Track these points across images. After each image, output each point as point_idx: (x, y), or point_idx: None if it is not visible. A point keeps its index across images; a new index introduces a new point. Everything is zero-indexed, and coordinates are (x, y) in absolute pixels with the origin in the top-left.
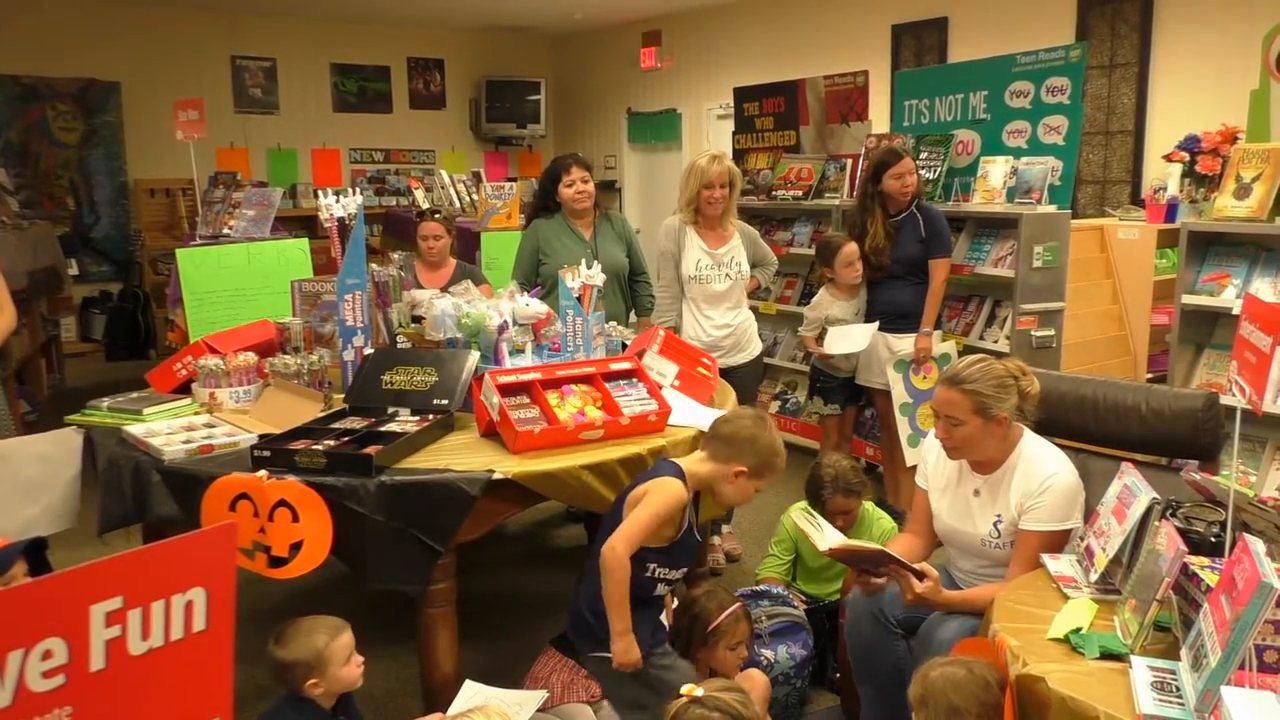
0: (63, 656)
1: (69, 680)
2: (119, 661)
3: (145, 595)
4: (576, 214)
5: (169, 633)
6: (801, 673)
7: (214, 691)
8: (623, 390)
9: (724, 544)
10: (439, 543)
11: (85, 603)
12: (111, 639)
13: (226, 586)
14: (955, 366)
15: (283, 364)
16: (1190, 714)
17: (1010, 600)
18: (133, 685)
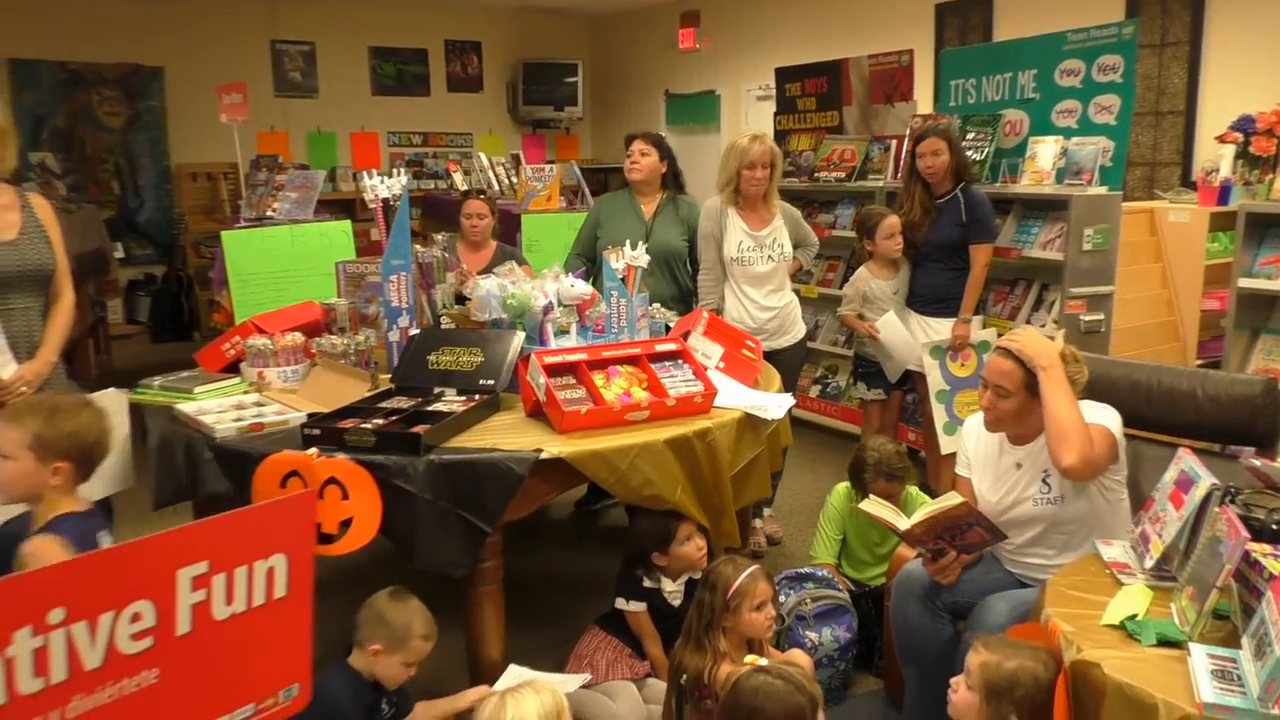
0: (150, 619)
1: (156, 643)
2: (204, 626)
3: (230, 561)
4: (639, 190)
5: (251, 598)
6: (845, 655)
7: (293, 658)
8: (668, 371)
9: (765, 527)
10: (486, 522)
11: (172, 566)
12: (197, 603)
13: (306, 554)
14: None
15: (329, 344)
16: (1254, 703)
17: (1063, 586)
18: (216, 650)
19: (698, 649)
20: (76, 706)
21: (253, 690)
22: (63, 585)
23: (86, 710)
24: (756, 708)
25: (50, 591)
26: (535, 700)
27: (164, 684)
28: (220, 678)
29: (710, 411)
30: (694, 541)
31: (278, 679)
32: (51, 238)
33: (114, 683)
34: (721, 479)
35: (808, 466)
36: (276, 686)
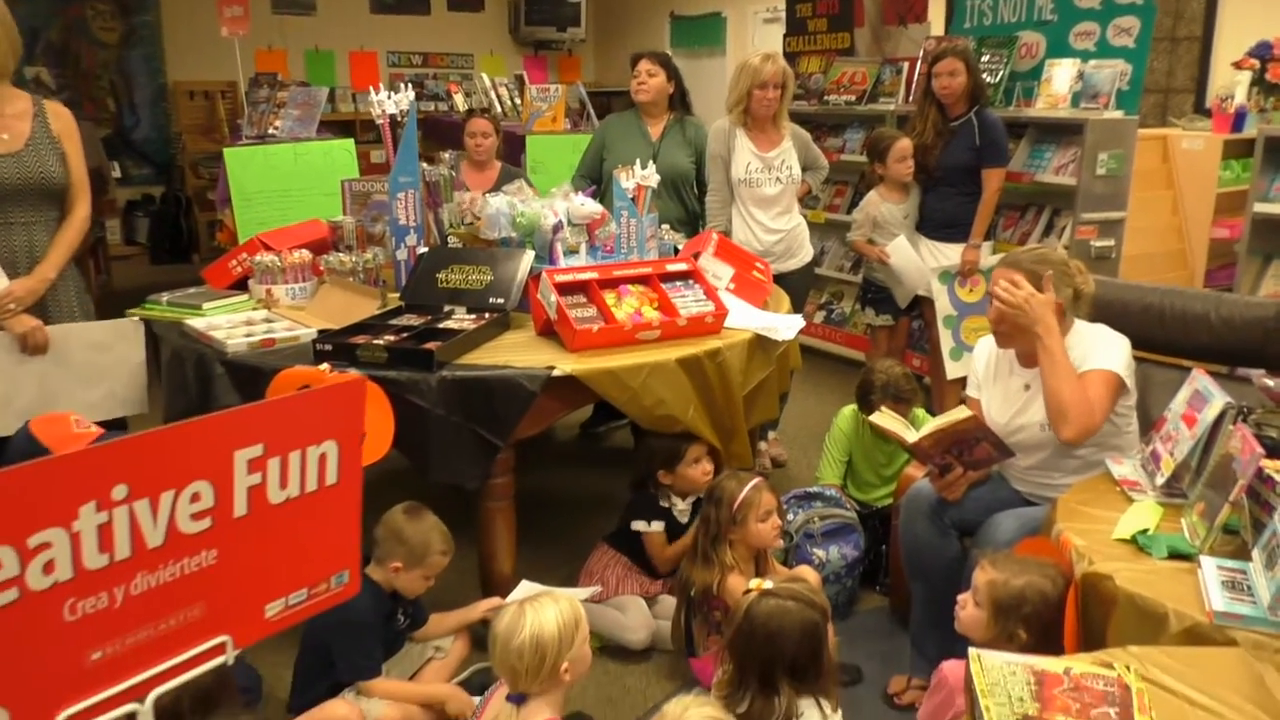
0: (209, 500)
1: (215, 524)
2: (259, 509)
3: (283, 445)
4: (646, 111)
5: (304, 484)
6: (852, 572)
7: (343, 545)
8: (679, 291)
9: (770, 449)
10: (499, 437)
11: (229, 448)
12: (253, 486)
13: (355, 441)
14: (1015, 251)
15: (338, 261)
16: (1264, 612)
17: (1074, 502)
18: (271, 534)
19: (705, 563)
20: (140, 584)
21: (306, 575)
22: (125, 462)
23: (150, 588)
24: (773, 631)
25: (113, 467)
26: (554, 609)
27: (222, 565)
28: (275, 561)
29: (721, 332)
30: (701, 465)
31: (329, 565)
32: (67, 149)
33: (175, 562)
34: (733, 399)
35: (812, 391)
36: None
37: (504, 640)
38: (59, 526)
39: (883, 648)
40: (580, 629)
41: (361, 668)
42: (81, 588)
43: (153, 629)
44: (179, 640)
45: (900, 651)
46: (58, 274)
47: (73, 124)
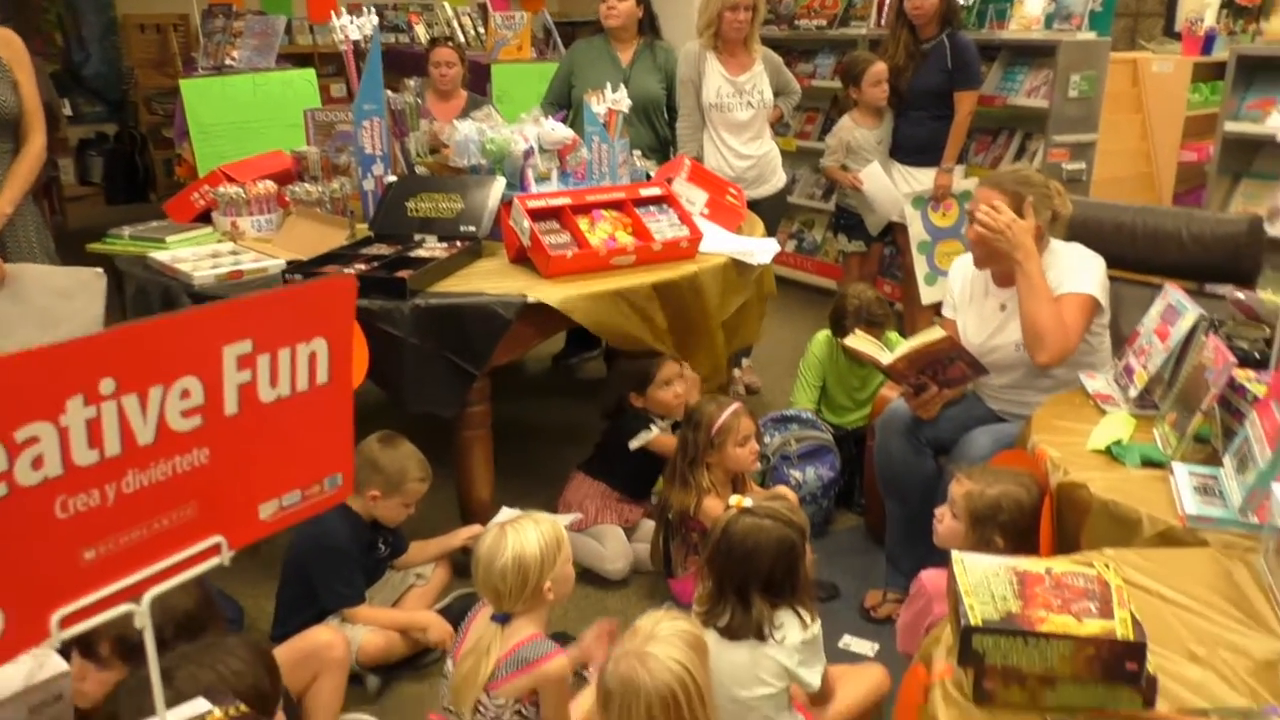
0: (199, 397)
1: (206, 422)
2: (250, 408)
3: (272, 341)
4: (615, 36)
5: (295, 383)
6: (828, 493)
7: (336, 448)
8: (653, 216)
9: (744, 377)
10: (474, 365)
11: (218, 343)
12: (243, 384)
13: (345, 340)
14: (998, 171)
15: (304, 191)
16: (1234, 514)
17: (1048, 416)
18: (263, 434)
19: (683, 486)
20: (132, 482)
21: (299, 477)
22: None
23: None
24: (750, 549)
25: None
26: (536, 530)
27: (215, 464)
28: (268, 462)
29: (696, 257)
30: (673, 388)
31: (323, 467)
32: (19, 78)
33: (166, 460)
34: (710, 323)
35: (785, 320)
36: (322, 474)
37: (487, 562)
38: (46, 420)
39: (858, 564)
40: (562, 549)
41: (343, 595)
42: (72, 484)
43: (146, 529)
44: (173, 540)
45: (876, 568)
46: (14, 209)
47: (23, 51)
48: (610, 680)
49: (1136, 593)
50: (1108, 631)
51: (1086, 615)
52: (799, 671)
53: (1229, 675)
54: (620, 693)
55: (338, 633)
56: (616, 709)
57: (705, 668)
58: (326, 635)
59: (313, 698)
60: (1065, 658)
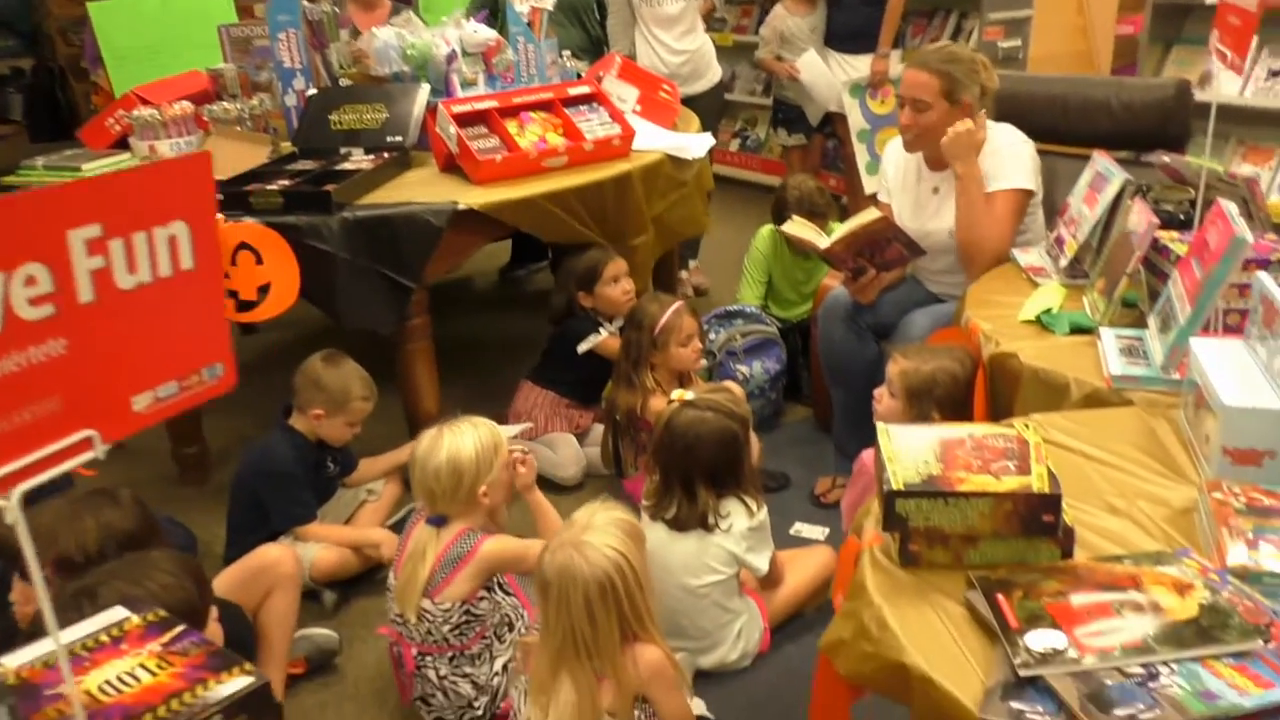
0: (48, 285)
1: (59, 311)
2: (108, 296)
3: (124, 225)
4: None
5: (156, 268)
6: (775, 385)
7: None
8: (584, 116)
9: (692, 278)
10: (409, 278)
11: (61, 227)
12: (96, 270)
13: (208, 222)
14: (923, 51)
15: (222, 110)
16: (1157, 372)
17: (981, 292)
18: (126, 322)
19: (629, 386)
20: None
21: (173, 367)
22: None
23: None
24: (692, 441)
25: None
26: (473, 433)
27: (74, 355)
28: (136, 352)
29: (630, 155)
30: (620, 285)
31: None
32: None
33: (19, 351)
34: (644, 220)
35: (730, 219)
36: (198, 364)
37: (421, 462)
38: None
39: (808, 454)
40: (499, 453)
41: (294, 515)
42: None
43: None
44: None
45: (824, 456)
46: None
47: None
48: (548, 570)
49: (1061, 453)
50: (1024, 486)
51: (1005, 473)
52: (747, 557)
53: (1146, 524)
54: (558, 582)
55: (287, 549)
56: (555, 597)
57: (641, 554)
58: (275, 552)
59: (266, 614)
60: (985, 515)
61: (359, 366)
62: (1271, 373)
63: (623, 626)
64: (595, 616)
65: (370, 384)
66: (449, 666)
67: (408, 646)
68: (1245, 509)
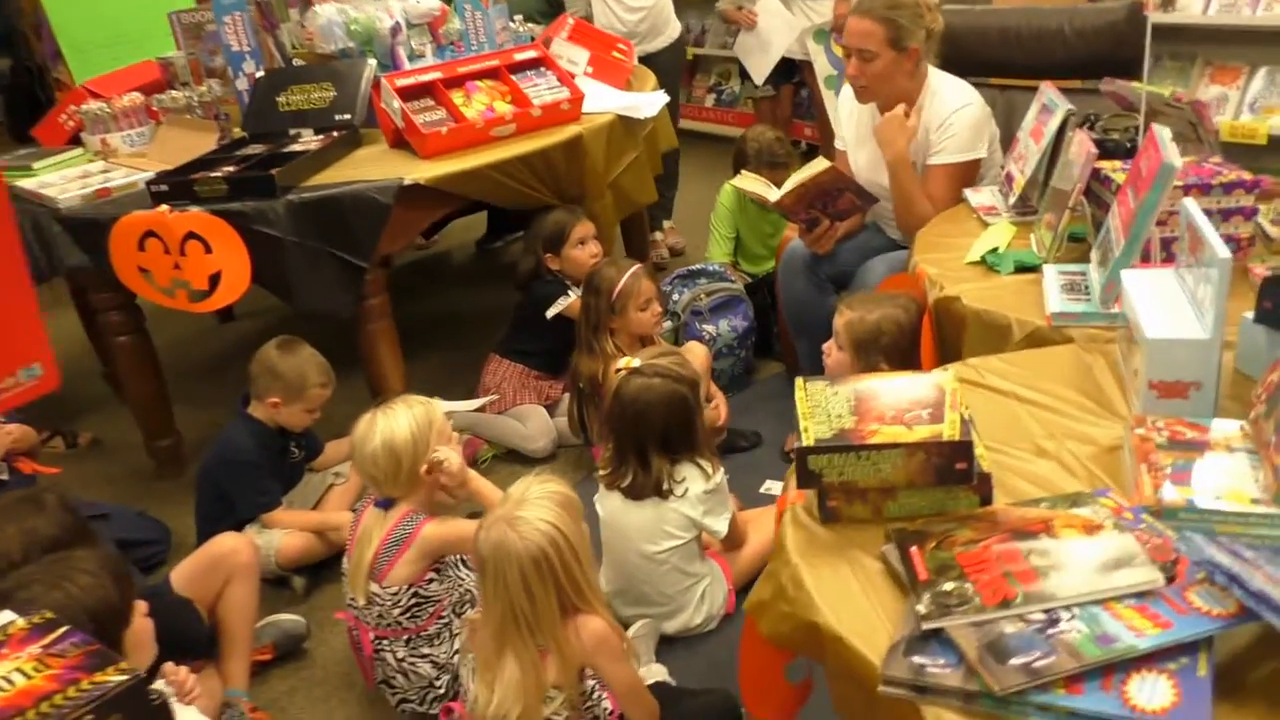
0: None
1: None
2: None
3: None
4: None
5: None
6: (744, 343)
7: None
8: (531, 81)
9: (667, 239)
10: (360, 258)
11: None
12: None
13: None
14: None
15: (170, 99)
16: (1096, 307)
17: (932, 235)
18: None
19: (590, 353)
20: None
21: None
22: None
23: None
24: (641, 408)
25: None
26: (407, 414)
27: None
28: None
29: (580, 118)
30: (588, 247)
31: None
32: None
33: None
34: (598, 184)
35: (706, 177)
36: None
37: (359, 447)
38: None
39: (780, 409)
40: (435, 429)
41: (258, 503)
42: None
43: None
44: None
45: None
46: None
47: None
48: (483, 547)
49: (994, 396)
50: (935, 435)
51: (917, 423)
52: (705, 521)
53: (1071, 464)
54: (493, 558)
55: (242, 538)
56: (491, 574)
57: (578, 525)
58: (231, 541)
59: (225, 604)
60: (898, 466)
61: (316, 352)
62: (1196, 302)
63: (561, 599)
64: (532, 591)
65: (327, 370)
66: (406, 649)
67: (365, 630)
68: (1167, 444)
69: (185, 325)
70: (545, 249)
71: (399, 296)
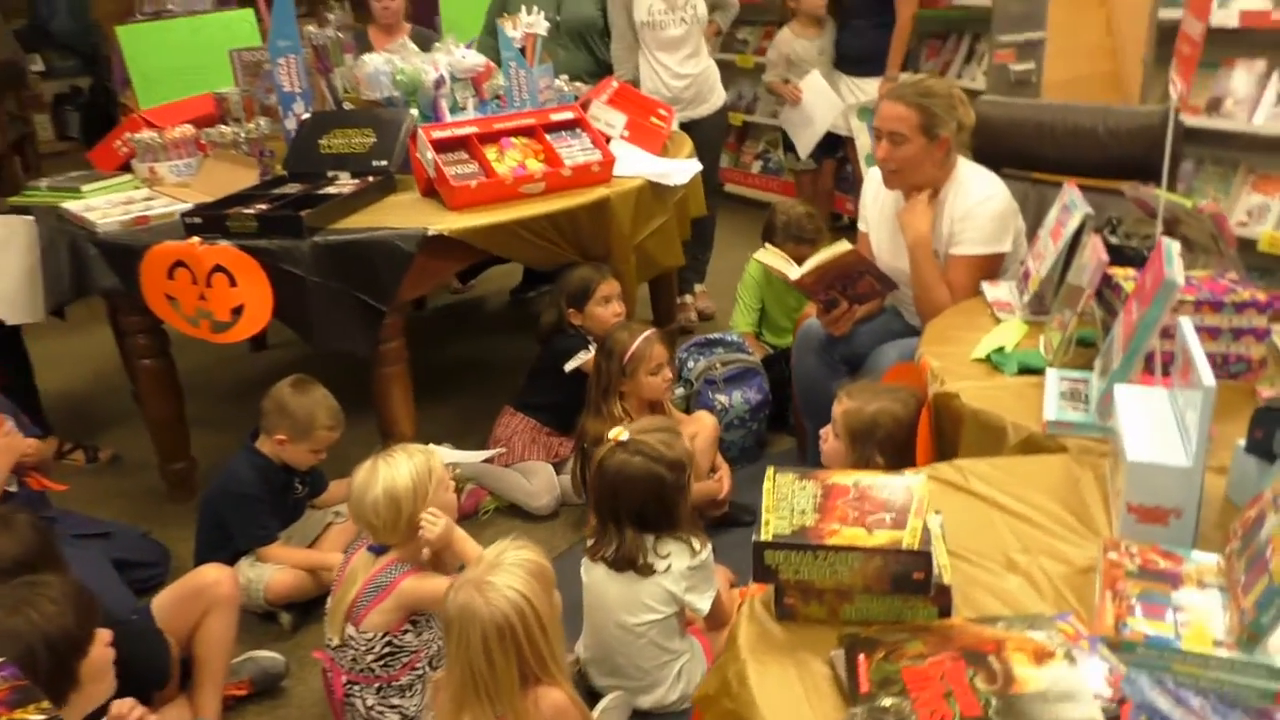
0: None
1: None
2: None
3: None
4: None
5: None
6: (757, 416)
7: None
8: (565, 142)
9: (697, 302)
10: (381, 301)
11: None
12: None
13: None
14: (900, 84)
15: (219, 134)
16: (1093, 418)
17: (942, 326)
18: None
19: (598, 415)
20: None
21: None
22: None
23: None
24: (619, 485)
25: None
26: (408, 462)
27: None
28: None
29: (610, 181)
30: (611, 306)
31: None
32: None
33: None
34: (622, 247)
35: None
36: None
37: (359, 496)
38: None
39: None
40: (435, 477)
41: (254, 536)
42: None
43: None
44: None
45: None
46: None
47: None
48: (450, 607)
49: (975, 502)
50: (894, 542)
51: (879, 526)
52: (687, 597)
53: (1041, 582)
54: (458, 620)
55: (225, 570)
56: (455, 636)
57: (548, 595)
58: (213, 573)
59: (202, 635)
60: (854, 570)
61: (328, 394)
62: (1184, 426)
63: (523, 669)
64: (493, 658)
65: (337, 413)
66: (376, 697)
67: (338, 673)
68: (1137, 572)
69: (218, 350)
70: (569, 304)
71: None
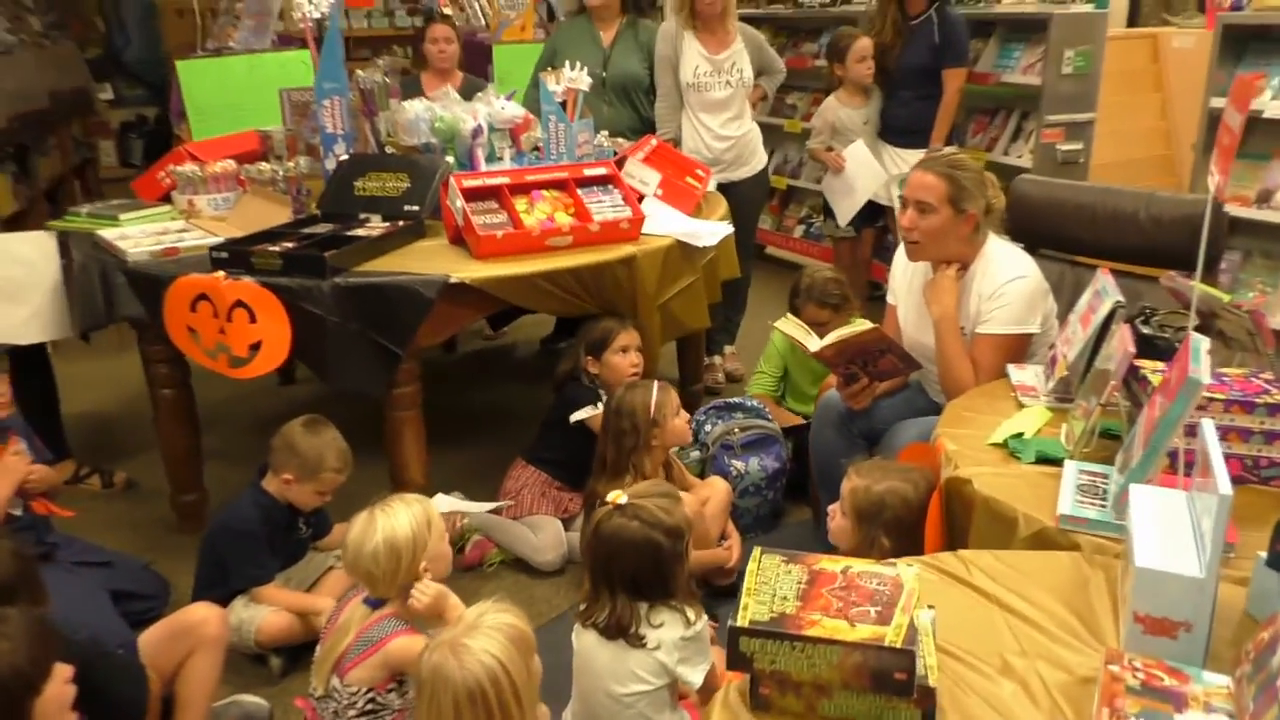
0: None
1: None
2: None
3: None
4: (598, 15)
5: None
6: (773, 484)
7: None
8: (596, 197)
9: (725, 364)
10: (398, 345)
11: None
12: None
13: None
14: (933, 155)
15: (258, 170)
16: (1110, 515)
17: (961, 406)
18: None
19: (614, 478)
20: None
21: None
22: None
23: None
24: (613, 550)
25: None
26: (406, 512)
27: None
28: None
29: (639, 238)
30: (629, 356)
31: None
32: None
33: None
34: (646, 305)
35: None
36: None
37: (356, 547)
38: None
39: None
40: (433, 527)
41: (251, 576)
42: None
43: None
44: None
45: None
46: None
47: None
48: (424, 668)
49: (976, 597)
50: (877, 638)
51: (863, 620)
52: (679, 670)
53: (1036, 690)
54: (430, 681)
55: (213, 609)
56: (426, 697)
57: (525, 661)
58: (202, 612)
59: (185, 674)
60: (832, 664)
61: (339, 436)
62: (1200, 533)
63: None
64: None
65: (346, 456)
66: None
67: None
68: (1140, 689)
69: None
70: (588, 350)
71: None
